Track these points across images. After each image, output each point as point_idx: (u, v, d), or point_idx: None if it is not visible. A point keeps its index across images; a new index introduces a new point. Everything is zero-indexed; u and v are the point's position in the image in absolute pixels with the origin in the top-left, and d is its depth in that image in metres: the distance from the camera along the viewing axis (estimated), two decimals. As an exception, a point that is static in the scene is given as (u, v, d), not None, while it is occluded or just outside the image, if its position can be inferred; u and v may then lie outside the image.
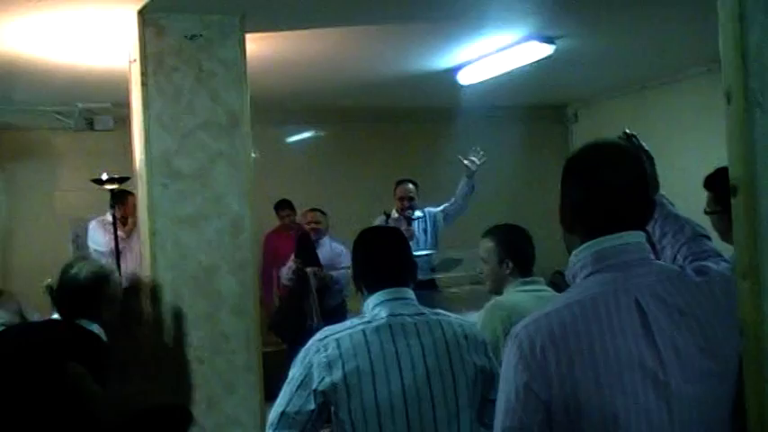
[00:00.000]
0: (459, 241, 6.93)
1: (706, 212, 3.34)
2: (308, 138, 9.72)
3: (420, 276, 6.57)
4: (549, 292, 3.44)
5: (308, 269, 6.87)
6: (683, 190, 7.38)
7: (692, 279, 1.77)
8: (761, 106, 1.37)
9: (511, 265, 3.50)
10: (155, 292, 4.84)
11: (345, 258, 6.81)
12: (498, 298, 3.44)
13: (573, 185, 1.85)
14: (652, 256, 1.79)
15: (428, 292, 6.73)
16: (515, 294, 3.41)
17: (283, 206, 8.35)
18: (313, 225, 7.30)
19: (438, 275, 7.33)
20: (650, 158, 2.39)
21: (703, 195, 3.47)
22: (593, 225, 1.78)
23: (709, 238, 2.19)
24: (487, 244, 3.58)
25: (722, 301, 1.70)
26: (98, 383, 3.26)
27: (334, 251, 7.26)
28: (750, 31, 1.39)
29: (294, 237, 7.98)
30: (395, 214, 7.31)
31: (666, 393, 1.61)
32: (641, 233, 1.79)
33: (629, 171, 1.80)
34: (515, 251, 3.53)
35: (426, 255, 7.05)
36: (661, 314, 1.66)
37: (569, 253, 1.84)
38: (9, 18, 4.92)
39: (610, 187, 1.78)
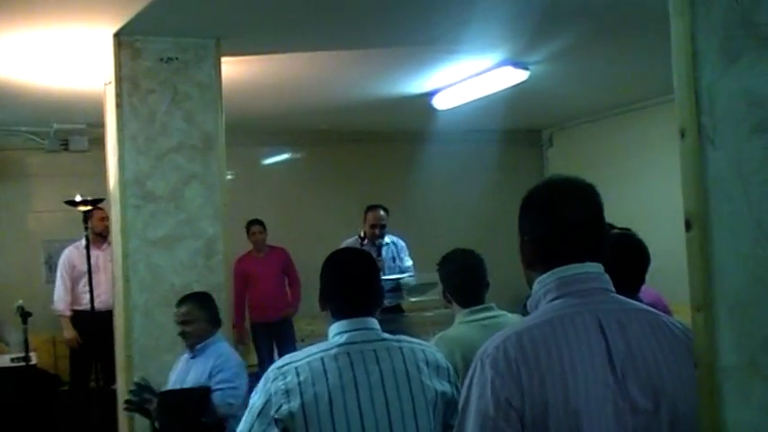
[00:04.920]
0: (433, 265, 6.95)
1: None
2: (284, 159, 9.73)
3: (388, 301, 6.54)
4: (499, 318, 3.43)
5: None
6: (656, 212, 7.46)
7: (654, 316, 1.81)
8: (713, 142, 1.41)
9: (450, 298, 3.54)
10: None
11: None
12: (443, 332, 3.46)
13: (532, 223, 1.88)
14: (612, 288, 1.82)
15: (394, 316, 6.72)
16: (458, 327, 3.43)
17: (253, 224, 8.30)
18: None
19: (399, 301, 7.27)
20: None
21: (677, 221, 3.47)
22: (553, 259, 1.81)
23: None
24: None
25: (681, 344, 1.73)
26: None
27: None
28: (702, 69, 1.43)
29: (267, 257, 8.03)
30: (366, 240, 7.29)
31: (625, 421, 1.65)
32: (600, 265, 1.83)
33: (586, 206, 1.84)
34: (451, 285, 3.54)
35: (393, 279, 6.98)
36: (620, 341, 1.70)
37: (530, 288, 1.87)
38: (-16, 39, 4.93)
39: (569, 223, 1.81)
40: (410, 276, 7.19)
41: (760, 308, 1.35)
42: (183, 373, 4.52)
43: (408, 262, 7.35)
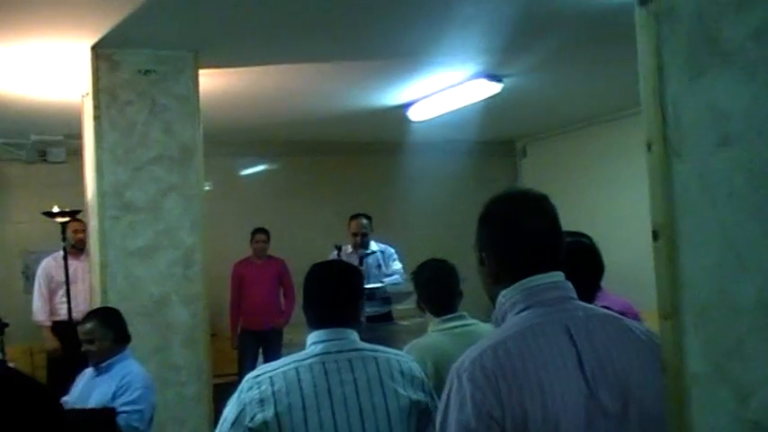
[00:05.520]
0: (408, 274, 6.97)
1: None
2: (261, 170, 9.74)
3: (374, 310, 6.56)
4: (471, 326, 3.46)
5: None
6: (626, 222, 7.55)
7: (618, 320, 1.87)
8: (679, 155, 1.45)
9: (424, 306, 3.59)
10: None
11: None
12: (415, 340, 3.50)
13: (495, 237, 1.91)
14: (575, 295, 1.87)
15: (381, 324, 6.74)
16: (431, 335, 3.47)
17: (258, 232, 8.34)
18: None
19: (388, 309, 7.30)
20: None
21: (646, 231, 3.51)
22: (518, 271, 1.85)
23: None
24: None
25: (646, 347, 1.79)
26: None
27: None
28: (667, 84, 1.47)
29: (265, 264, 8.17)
30: (348, 249, 7.32)
31: (597, 425, 1.70)
32: (562, 273, 1.87)
33: (546, 216, 1.89)
34: (425, 294, 3.60)
35: (375, 288, 7.01)
36: (589, 347, 1.75)
37: (493, 301, 1.90)
38: (-39, 50, 4.92)
39: (532, 234, 1.86)
40: (395, 280, 7.21)
41: (724, 317, 1.38)
42: (86, 390, 4.28)
43: (396, 266, 7.39)
